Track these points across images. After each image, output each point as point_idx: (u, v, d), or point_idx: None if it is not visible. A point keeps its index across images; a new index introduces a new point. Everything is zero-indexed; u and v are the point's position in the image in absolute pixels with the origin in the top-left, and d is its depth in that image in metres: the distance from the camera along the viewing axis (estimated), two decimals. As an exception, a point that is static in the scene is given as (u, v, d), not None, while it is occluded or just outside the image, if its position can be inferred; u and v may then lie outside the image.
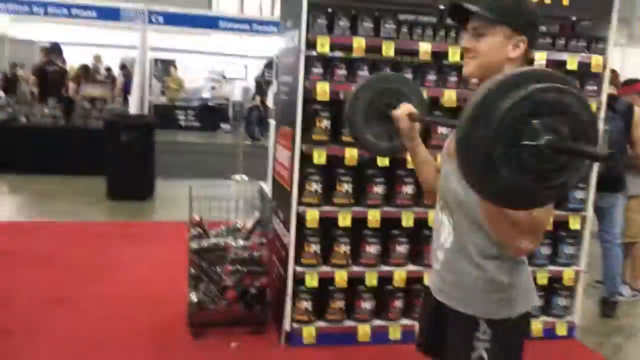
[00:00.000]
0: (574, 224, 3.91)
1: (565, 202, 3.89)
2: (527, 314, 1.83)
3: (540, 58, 3.66)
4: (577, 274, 4.04)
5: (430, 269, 2.04)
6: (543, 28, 4.30)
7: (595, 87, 3.85)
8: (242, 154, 9.61)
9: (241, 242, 3.84)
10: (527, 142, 1.29)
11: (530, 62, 1.75)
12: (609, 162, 3.94)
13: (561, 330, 4.05)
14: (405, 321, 3.82)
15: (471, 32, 1.76)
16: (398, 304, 3.80)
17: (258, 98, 15.10)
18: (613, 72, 4.47)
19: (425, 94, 3.54)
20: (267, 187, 4.74)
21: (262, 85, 15.15)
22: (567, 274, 3.98)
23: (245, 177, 9.66)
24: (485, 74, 1.73)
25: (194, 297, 3.75)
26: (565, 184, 1.36)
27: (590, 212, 4.00)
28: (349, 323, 3.78)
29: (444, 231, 1.88)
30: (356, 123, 2.20)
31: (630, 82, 5.05)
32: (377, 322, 3.81)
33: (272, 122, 5.10)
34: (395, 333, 3.80)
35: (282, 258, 3.83)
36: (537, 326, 3.95)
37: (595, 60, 3.79)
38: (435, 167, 2.10)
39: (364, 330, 3.76)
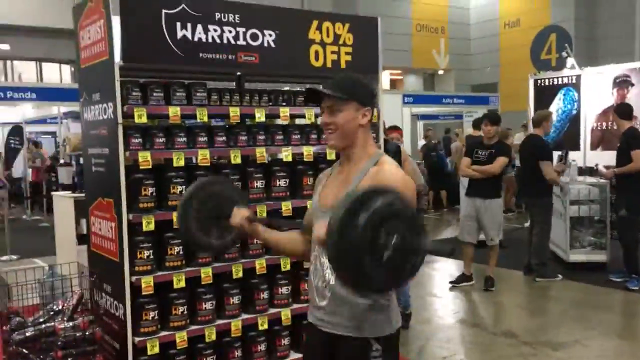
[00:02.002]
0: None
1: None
2: (399, 329, 2.22)
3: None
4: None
5: (311, 308, 2.32)
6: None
7: (374, 134, 4.55)
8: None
9: (69, 324, 3.66)
10: (386, 254, 1.73)
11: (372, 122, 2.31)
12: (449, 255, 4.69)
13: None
14: (246, 368, 4.00)
15: (327, 110, 2.18)
16: (238, 353, 3.96)
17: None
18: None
19: (239, 153, 3.87)
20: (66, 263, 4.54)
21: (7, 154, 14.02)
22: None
23: (13, 257, 8.87)
24: (345, 142, 2.19)
25: (23, 393, 3.45)
26: (414, 269, 1.82)
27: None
28: (193, 382, 3.82)
29: (326, 271, 2.19)
30: (189, 229, 2.45)
31: (392, 128, 6.06)
32: (220, 375, 3.92)
33: (62, 194, 4.90)
34: (238, 382, 3.95)
35: (115, 331, 3.75)
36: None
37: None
38: (296, 239, 2.44)
39: (208, 386, 3.84)
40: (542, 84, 10.77)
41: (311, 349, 2.40)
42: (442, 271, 7.85)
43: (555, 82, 10.54)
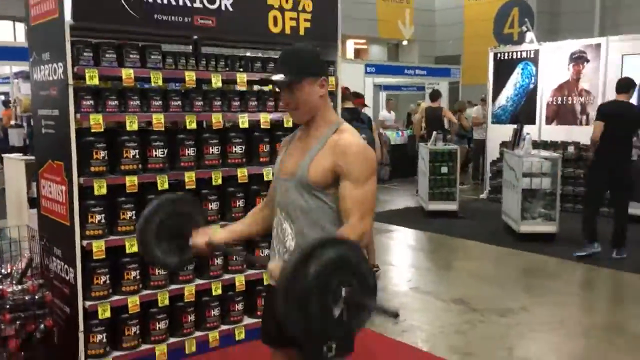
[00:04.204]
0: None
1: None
2: None
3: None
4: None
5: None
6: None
7: (332, 103, 4.55)
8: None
9: (18, 287, 3.62)
10: (334, 308, 1.78)
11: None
12: (393, 320, 4.70)
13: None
14: (199, 333, 4.03)
15: (285, 89, 2.21)
16: (191, 318, 3.99)
17: None
18: (345, 89, 5.36)
19: (194, 119, 3.84)
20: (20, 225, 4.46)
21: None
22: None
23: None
24: (309, 115, 2.23)
25: (-31, 356, 3.42)
26: (364, 319, 1.87)
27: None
28: (145, 346, 3.84)
29: (287, 237, 2.24)
30: (148, 244, 2.44)
31: (358, 95, 6.09)
32: (173, 340, 3.94)
33: (13, 156, 4.77)
34: (190, 347, 3.98)
35: (66, 295, 3.72)
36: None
37: (330, 80, 4.48)
38: (257, 220, 2.51)
39: (160, 350, 3.86)
40: (502, 58, 10.92)
41: (269, 311, 2.44)
42: (397, 240, 8.00)
43: (514, 56, 10.70)
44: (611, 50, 9.33)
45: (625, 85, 6.66)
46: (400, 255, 7.01)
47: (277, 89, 2.42)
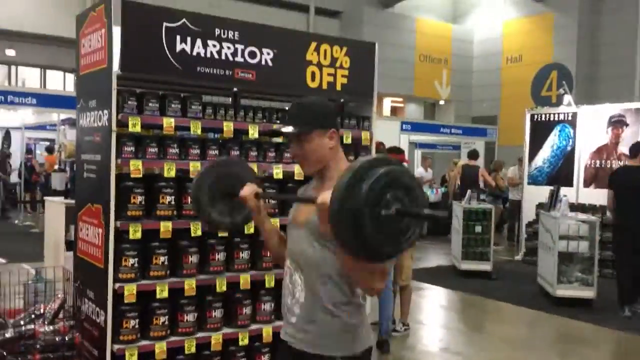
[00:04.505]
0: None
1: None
2: (370, 348, 2.24)
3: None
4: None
5: (284, 324, 2.33)
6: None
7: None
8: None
9: (49, 327, 3.67)
10: (384, 212, 1.76)
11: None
12: (445, 220, 4.74)
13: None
14: (223, 383, 4.00)
15: (294, 141, 2.24)
16: (217, 367, 3.96)
17: None
18: (380, 144, 5.42)
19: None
20: (56, 268, 4.56)
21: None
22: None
23: (2, 260, 8.85)
24: (318, 166, 2.23)
25: (-3, 394, 3.46)
26: (412, 238, 1.83)
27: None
28: (170, 394, 3.82)
29: (297, 288, 2.22)
30: (202, 203, 2.50)
31: (398, 150, 6.18)
32: (197, 390, 3.91)
33: (54, 199, 4.92)
34: (214, 396, 3.94)
35: (96, 338, 3.75)
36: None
37: (365, 135, 4.55)
38: (280, 235, 2.47)
39: (185, 399, 3.83)
40: (539, 120, 10.89)
41: None
42: (428, 298, 7.86)
43: (552, 118, 10.67)
44: (651, 114, 9.24)
45: (633, 149, 6.80)
46: (431, 315, 6.87)
47: (287, 141, 2.45)
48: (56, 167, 11.85)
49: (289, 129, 2.23)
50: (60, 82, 18.24)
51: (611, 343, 6.12)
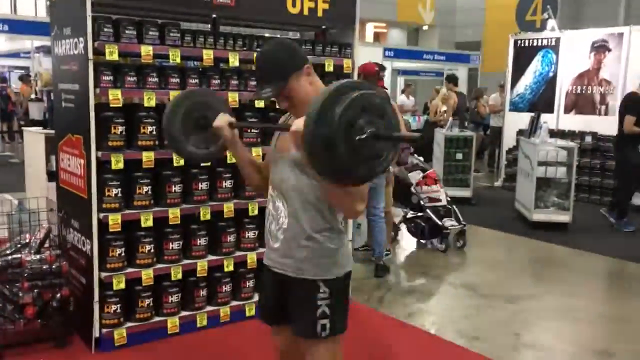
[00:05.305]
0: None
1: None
2: (349, 273, 2.32)
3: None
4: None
5: (267, 249, 2.40)
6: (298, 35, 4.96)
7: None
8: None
9: (36, 256, 3.72)
10: (359, 136, 1.77)
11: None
12: (419, 142, 4.76)
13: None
14: (210, 307, 4.12)
15: (278, 97, 2.23)
16: (203, 293, 4.08)
17: None
18: (375, 64, 5.44)
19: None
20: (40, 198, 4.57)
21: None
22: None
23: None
24: (304, 105, 2.16)
25: (-12, 321, 3.54)
26: (387, 162, 1.88)
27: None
28: (158, 319, 3.94)
29: (280, 215, 2.27)
30: (175, 135, 2.50)
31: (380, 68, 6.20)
32: (184, 313, 4.04)
33: (33, 130, 4.85)
34: (202, 321, 4.08)
35: (82, 266, 3.83)
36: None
37: (347, 62, 4.51)
38: (257, 165, 2.51)
39: (172, 323, 3.96)
40: (522, 45, 10.82)
41: (265, 290, 2.50)
42: (410, 225, 8.03)
43: (535, 44, 10.60)
44: (634, 40, 9.21)
45: None
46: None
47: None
48: (33, 96, 11.60)
49: (267, 92, 2.20)
50: (32, 8, 17.58)
51: (585, 264, 6.36)
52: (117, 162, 3.62)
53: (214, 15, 4.13)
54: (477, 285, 5.44)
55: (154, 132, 3.74)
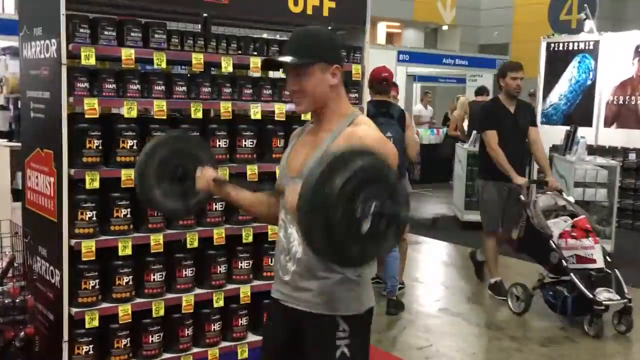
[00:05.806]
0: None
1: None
2: (371, 309, 2.31)
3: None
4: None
5: (275, 282, 2.40)
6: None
7: (357, 95, 4.60)
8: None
9: (-2, 289, 3.72)
10: (360, 216, 1.80)
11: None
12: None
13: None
14: (197, 349, 4.09)
15: (291, 75, 2.24)
16: (188, 332, 4.05)
17: None
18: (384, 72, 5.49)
19: (200, 107, 3.90)
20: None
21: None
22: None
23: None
24: (316, 106, 2.25)
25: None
26: (395, 238, 1.94)
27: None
28: (135, 361, 3.92)
29: (292, 243, 2.27)
30: (147, 183, 2.54)
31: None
32: (167, 356, 4.01)
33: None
34: (187, 363, 4.06)
35: (50, 300, 3.81)
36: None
37: (355, 68, 4.53)
38: (264, 200, 2.52)
39: (153, 365, 3.93)
40: (556, 49, 10.86)
41: (274, 327, 2.47)
42: (426, 254, 8.01)
43: (570, 47, 10.63)
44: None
45: None
46: (429, 271, 7.04)
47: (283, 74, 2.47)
48: (-3, 104, 11.67)
49: (287, 58, 2.23)
50: (-2, 4, 17.78)
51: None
52: (92, 181, 3.62)
53: (204, 14, 4.15)
54: (504, 325, 5.41)
55: (135, 147, 3.74)
